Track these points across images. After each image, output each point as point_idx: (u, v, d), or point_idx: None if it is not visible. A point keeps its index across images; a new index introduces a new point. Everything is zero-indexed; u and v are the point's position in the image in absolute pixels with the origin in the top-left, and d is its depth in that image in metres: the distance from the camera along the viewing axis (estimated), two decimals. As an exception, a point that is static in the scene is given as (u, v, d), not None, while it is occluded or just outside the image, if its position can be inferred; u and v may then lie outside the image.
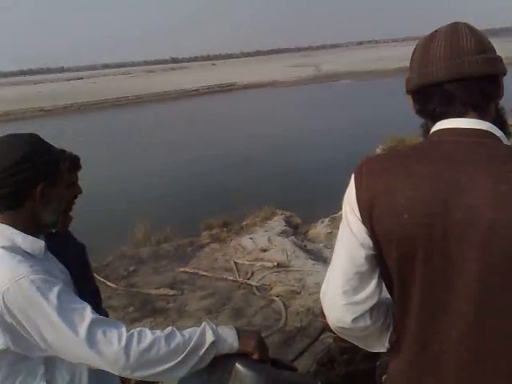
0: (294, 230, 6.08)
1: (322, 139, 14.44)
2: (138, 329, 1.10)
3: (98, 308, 1.44)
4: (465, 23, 0.95)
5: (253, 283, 4.33)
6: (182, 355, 1.08)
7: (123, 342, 1.04)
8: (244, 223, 5.94)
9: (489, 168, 0.84)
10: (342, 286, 0.99)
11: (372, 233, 0.94)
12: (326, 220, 6.08)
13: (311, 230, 6.25)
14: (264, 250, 5.12)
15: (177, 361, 1.08)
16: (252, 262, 4.82)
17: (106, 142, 18.81)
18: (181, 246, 5.25)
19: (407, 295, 0.95)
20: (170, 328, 1.14)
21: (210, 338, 1.13)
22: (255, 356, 1.19)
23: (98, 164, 11.86)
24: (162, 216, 7.00)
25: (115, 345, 1.04)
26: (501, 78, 0.95)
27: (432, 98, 0.94)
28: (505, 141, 0.92)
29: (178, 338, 1.10)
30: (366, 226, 0.94)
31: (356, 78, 40.25)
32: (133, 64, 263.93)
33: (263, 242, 5.29)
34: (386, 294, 1.04)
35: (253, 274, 4.57)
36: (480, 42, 0.92)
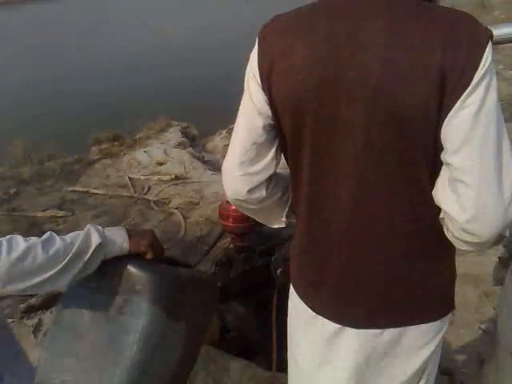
0: (192, 141, 5.91)
1: (218, 46, 13.77)
2: (7, 236, 0.95)
3: None
4: None
5: (150, 198, 4.19)
6: (64, 262, 0.97)
7: None
8: (137, 136, 5.60)
9: (386, 23, 0.79)
10: (239, 157, 0.97)
11: (270, 100, 0.91)
12: (224, 132, 5.95)
13: (209, 142, 6.14)
14: (160, 164, 4.93)
15: (57, 269, 0.97)
16: (148, 177, 4.63)
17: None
18: (67, 164, 4.83)
19: (299, 165, 0.95)
20: (49, 233, 1.01)
21: (95, 240, 1.03)
22: (148, 256, 1.12)
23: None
24: (43, 133, 6.29)
25: None
26: None
27: None
28: None
29: (58, 244, 0.99)
30: (265, 93, 0.91)
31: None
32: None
33: (159, 155, 5.08)
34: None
35: (149, 188, 4.40)
36: None
